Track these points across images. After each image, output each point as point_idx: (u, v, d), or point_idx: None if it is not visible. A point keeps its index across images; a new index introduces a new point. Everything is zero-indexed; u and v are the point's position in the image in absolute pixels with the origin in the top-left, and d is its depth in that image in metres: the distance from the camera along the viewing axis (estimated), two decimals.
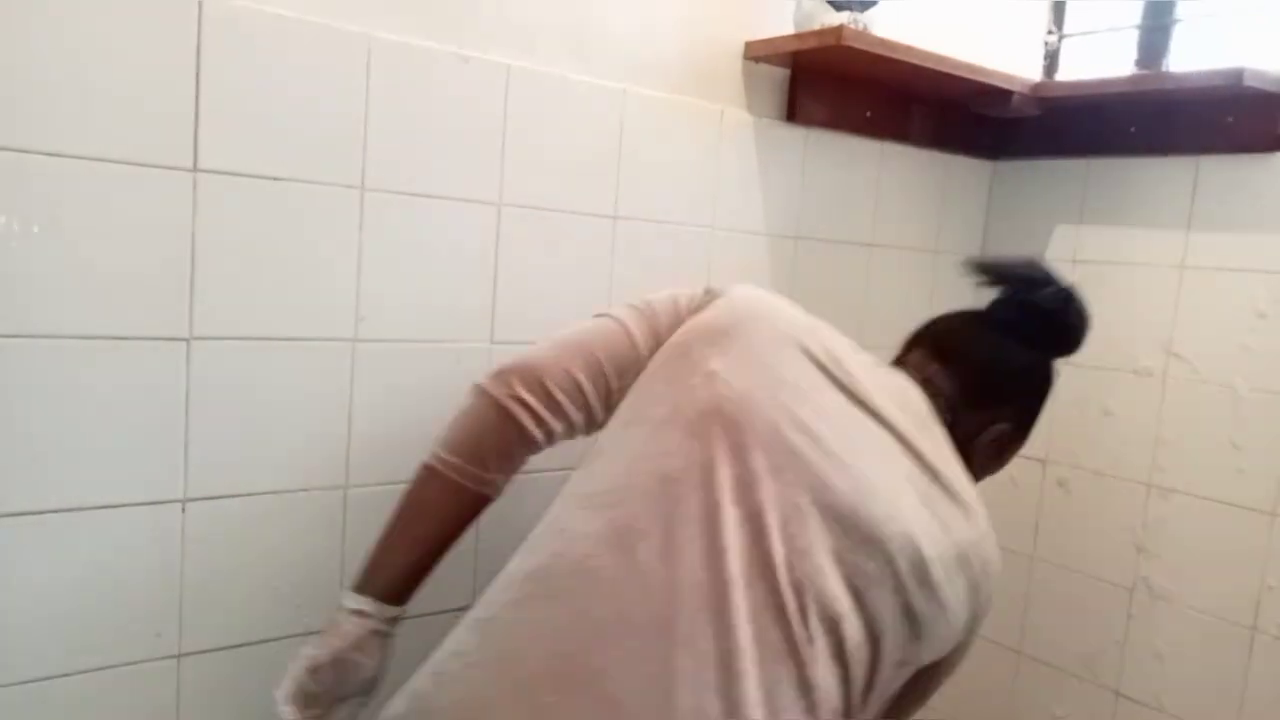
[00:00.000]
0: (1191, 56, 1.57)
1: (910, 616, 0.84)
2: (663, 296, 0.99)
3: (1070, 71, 1.74)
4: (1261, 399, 1.39)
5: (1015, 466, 1.69)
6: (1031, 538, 1.68)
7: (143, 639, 1.00)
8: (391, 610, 0.91)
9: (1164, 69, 1.57)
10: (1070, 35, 1.75)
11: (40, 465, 0.92)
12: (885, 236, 1.61)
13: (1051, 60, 1.76)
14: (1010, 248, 1.72)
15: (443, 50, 1.11)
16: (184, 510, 1.00)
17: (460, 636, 0.85)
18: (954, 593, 0.87)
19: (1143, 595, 1.52)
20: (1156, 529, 1.51)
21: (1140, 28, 1.62)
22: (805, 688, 0.78)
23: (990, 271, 1.08)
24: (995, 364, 1.04)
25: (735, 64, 1.38)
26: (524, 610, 0.81)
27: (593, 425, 0.96)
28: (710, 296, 0.97)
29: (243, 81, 0.98)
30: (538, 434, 0.93)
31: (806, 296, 1.51)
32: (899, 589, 0.83)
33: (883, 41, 1.31)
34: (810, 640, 0.78)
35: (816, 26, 1.34)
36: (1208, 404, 1.45)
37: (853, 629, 0.81)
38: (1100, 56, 1.70)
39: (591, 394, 0.94)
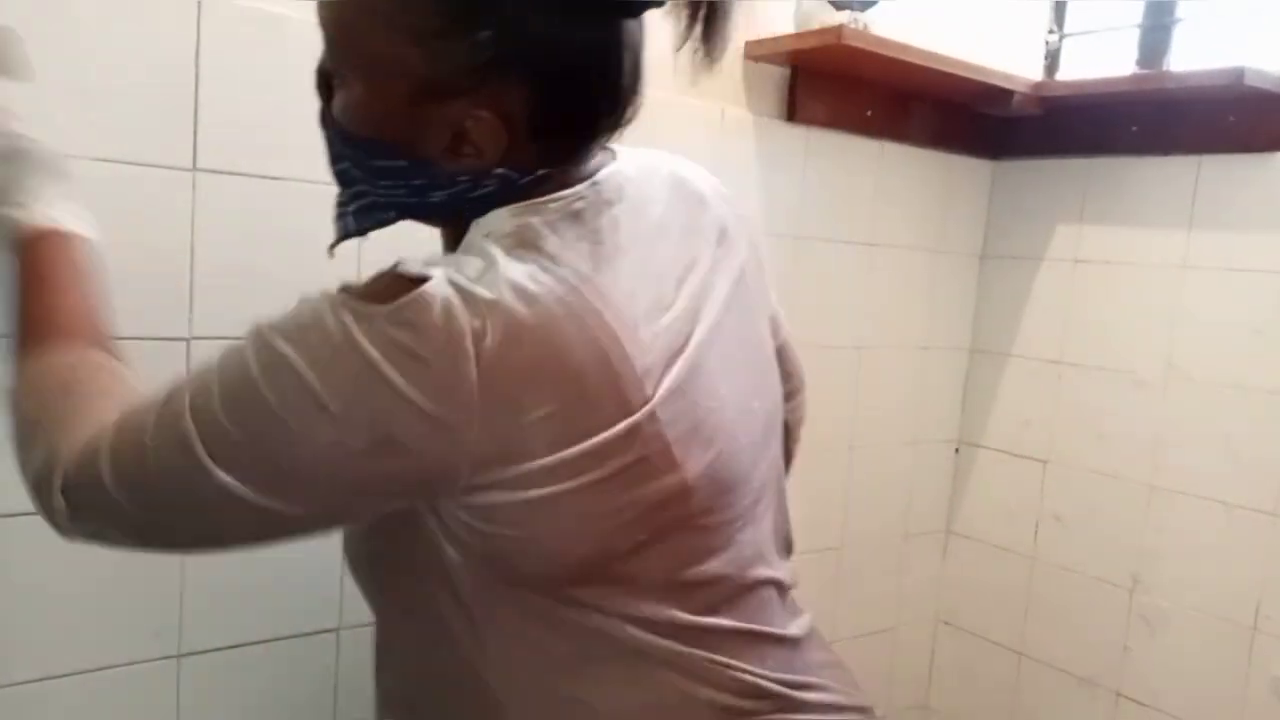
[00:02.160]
0: (1193, 56, 1.57)
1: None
2: None
3: (1071, 71, 1.73)
4: (1262, 405, 1.39)
5: (1011, 490, 1.70)
6: (1032, 540, 1.68)
7: (141, 639, 1.00)
8: None
9: (1165, 68, 1.57)
10: (1071, 35, 1.74)
11: None
12: (886, 236, 1.61)
13: (1052, 60, 1.75)
14: (1011, 247, 1.72)
15: None
16: None
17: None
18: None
19: (1139, 625, 1.52)
20: (1153, 547, 1.51)
21: (1141, 27, 1.61)
22: None
23: None
24: None
25: (735, 63, 1.38)
26: None
27: None
28: None
29: (242, 81, 0.98)
30: None
31: (806, 296, 1.51)
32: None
33: (883, 41, 1.31)
34: None
35: (816, 26, 1.34)
36: (1208, 412, 1.45)
37: None
38: (1101, 56, 1.70)
39: None
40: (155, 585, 1.00)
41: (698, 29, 0.63)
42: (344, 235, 0.74)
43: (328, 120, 0.69)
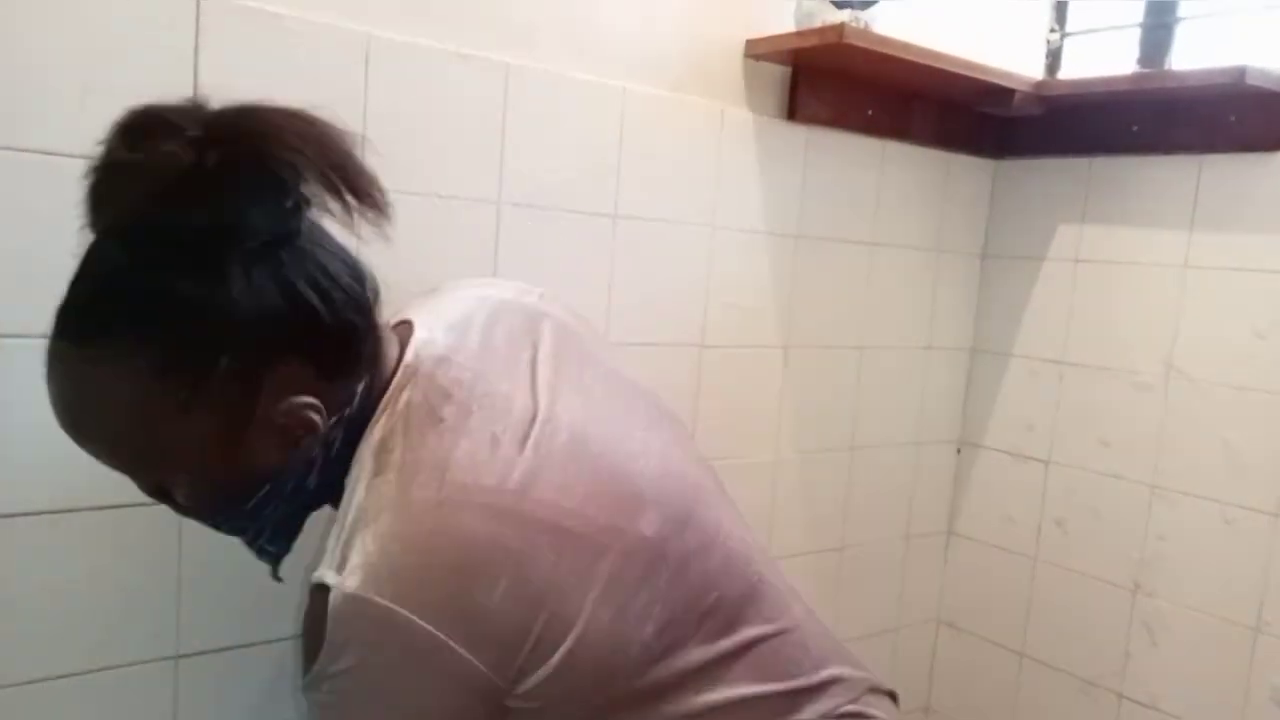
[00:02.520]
0: (1194, 55, 1.56)
1: None
2: None
3: (1073, 70, 1.73)
4: (1264, 406, 1.38)
5: (1013, 491, 1.69)
6: (1034, 541, 1.68)
7: (140, 640, 1.00)
8: None
9: (1166, 67, 1.56)
10: (1073, 34, 1.74)
11: (37, 465, 0.92)
12: (887, 236, 1.60)
13: (1054, 59, 1.75)
14: (1013, 247, 1.72)
15: (442, 48, 1.10)
16: None
17: None
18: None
19: (1141, 627, 1.52)
20: (1155, 548, 1.50)
21: (1143, 26, 1.61)
22: None
23: None
24: None
25: (736, 62, 1.38)
26: None
27: None
28: None
29: (240, 80, 0.98)
30: None
31: (806, 296, 1.51)
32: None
33: (884, 40, 1.31)
34: None
35: (818, 24, 1.34)
36: (1209, 413, 1.44)
37: None
38: (1103, 55, 1.70)
39: None
40: (154, 586, 1.00)
41: (349, 199, 0.66)
42: (277, 560, 0.79)
43: (183, 509, 0.73)
